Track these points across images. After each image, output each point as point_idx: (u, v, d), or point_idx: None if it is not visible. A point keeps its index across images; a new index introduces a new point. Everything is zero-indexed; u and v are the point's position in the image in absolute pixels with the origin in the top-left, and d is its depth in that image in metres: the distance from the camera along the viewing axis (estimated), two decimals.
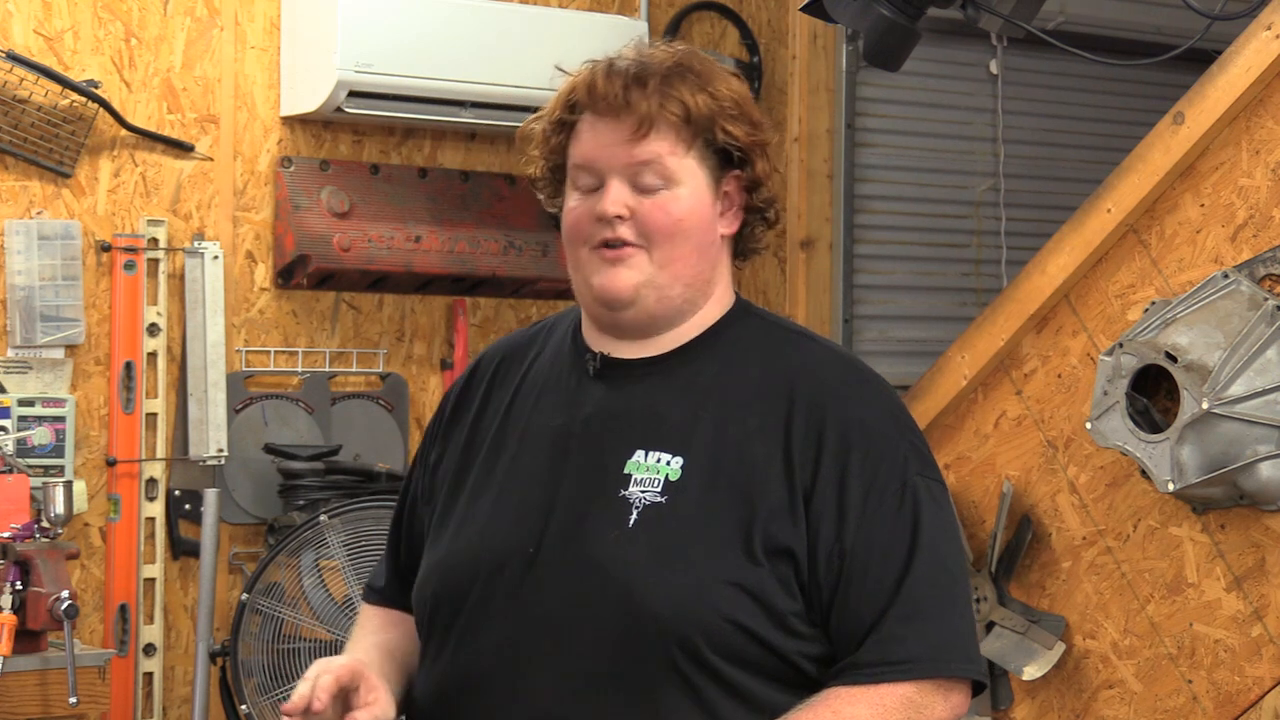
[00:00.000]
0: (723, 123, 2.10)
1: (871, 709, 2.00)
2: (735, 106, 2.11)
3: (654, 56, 2.12)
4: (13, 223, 4.45)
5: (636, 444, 2.08)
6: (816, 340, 2.19)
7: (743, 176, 2.14)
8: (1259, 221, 3.48)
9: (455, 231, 4.91)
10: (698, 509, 2.03)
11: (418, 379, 5.02)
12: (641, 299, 2.10)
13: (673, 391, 2.11)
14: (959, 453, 4.00)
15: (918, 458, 2.10)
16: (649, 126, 2.08)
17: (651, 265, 2.09)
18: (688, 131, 2.09)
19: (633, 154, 2.08)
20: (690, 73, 2.10)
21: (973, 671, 2.06)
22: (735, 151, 2.12)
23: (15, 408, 4.41)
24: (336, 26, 4.61)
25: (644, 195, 2.09)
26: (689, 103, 2.08)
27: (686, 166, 2.10)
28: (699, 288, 2.13)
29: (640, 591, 2.00)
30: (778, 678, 2.04)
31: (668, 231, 2.09)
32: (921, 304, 5.83)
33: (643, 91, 2.08)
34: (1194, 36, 3.55)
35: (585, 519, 2.06)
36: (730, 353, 2.14)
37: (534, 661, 2.04)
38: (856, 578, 2.03)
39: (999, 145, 5.92)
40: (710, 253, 2.13)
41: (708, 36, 5.50)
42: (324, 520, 4.33)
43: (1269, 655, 3.45)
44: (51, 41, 4.52)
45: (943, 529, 2.08)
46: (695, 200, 2.10)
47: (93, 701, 3.99)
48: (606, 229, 2.09)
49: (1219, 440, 3.36)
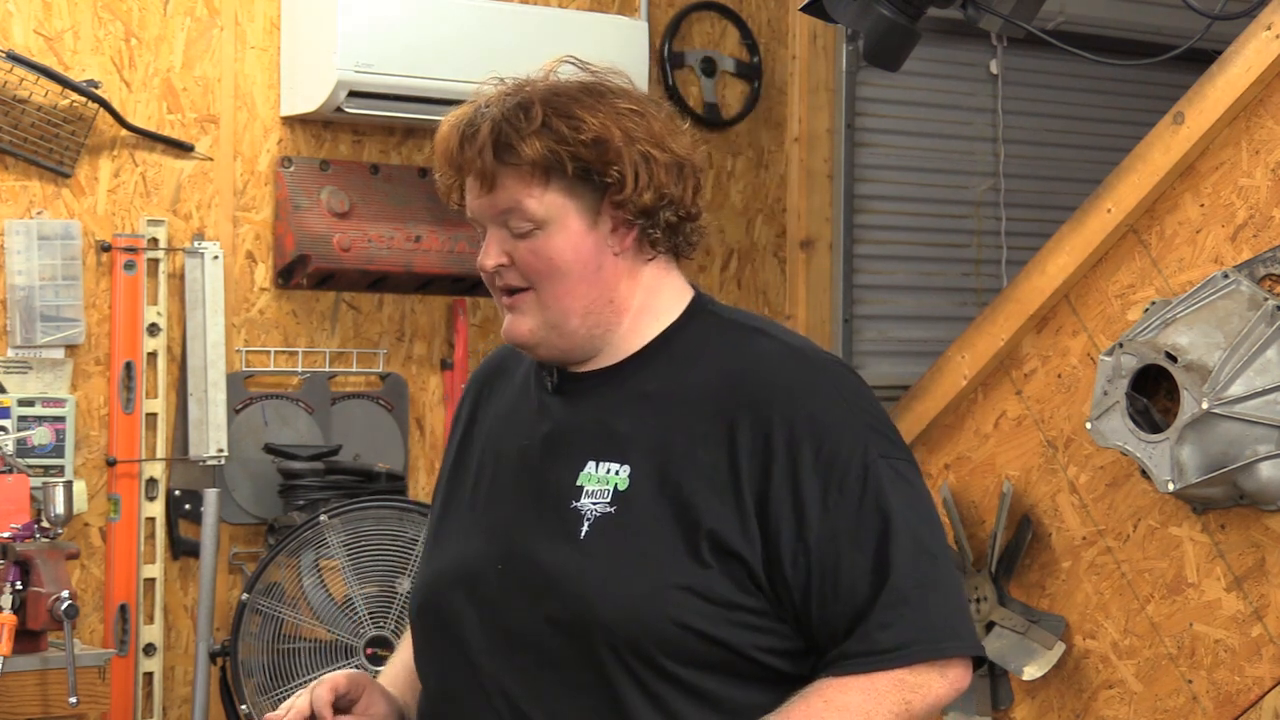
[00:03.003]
0: (570, 154, 2.07)
1: (864, 695, 2.00)
2: (588, 131, 2.07)
3: (496, 100, 2.10)
4: (13, 223, 4.44)
5: (588, 455, 2.10)
6: (769, 333, 2.16)
7: (619, 195, 2.10)
8: (1259, 221, 3.48)
9: (455, 231, 4.90)
10: (645, 517, 2.04)
11: (418, 379, 5.02)
12: (542, 339, 2.12)
13: (622, 401, 2.12)
14: (959, 453, 4.00)
15: (878, 439, 2.07)
16: (491, 180, 2.09)
17: (539, 306, 2.11)
18: (537, 172, 2.08)
19: (493, 205, 2.10)
20: (526, 114, 2.07)
21: (965, 648, 2.05)
22: (596, 177, 2.09)
23: (15, 408, 4.41)
24: (336, 26, 4.60)
25: (520, 239, 2.10)
26: (521, 149, 2.06)
27: (550, 203, 2.09)
28: (600, 312, 2.12)
29: (592, 602, 2.02)
30: (743, 675, 2.04)
31: (545, 273, 2.10)
32: (921, 304, 5.83)
33: (473, 148, 2.08)
34: (1194, 36, 3.55)
35: (542, 533, 2.09)
36: (681, 357, 2.13)
37: (500, 675, 2.07)
38: (829, 572, 2.02)
39: (999, 145, 5.92)
40: (603, 277, 2.11)
41: (708, 36, 5.50)
42: (324, 520, 4.33)
43: (1269, 655, 3.45)
44: (51, 41, 4.52)
45: (914, 508, 2.06)
46: (566, 235, 2.09)
47: (93, 701, 3.99)
48: (496, 278, 2.13)
49: (1219, 440, 3.36)
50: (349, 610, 4.31)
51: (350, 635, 4.30)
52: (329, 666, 4.27)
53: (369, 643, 4.29)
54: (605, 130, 2.07)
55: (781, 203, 5.60)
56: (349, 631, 4.30)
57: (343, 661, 4.28)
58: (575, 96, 2.10)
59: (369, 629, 4.30)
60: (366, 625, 4.30)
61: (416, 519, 4.36)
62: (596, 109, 2.09)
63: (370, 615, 4.30)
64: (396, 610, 4.30)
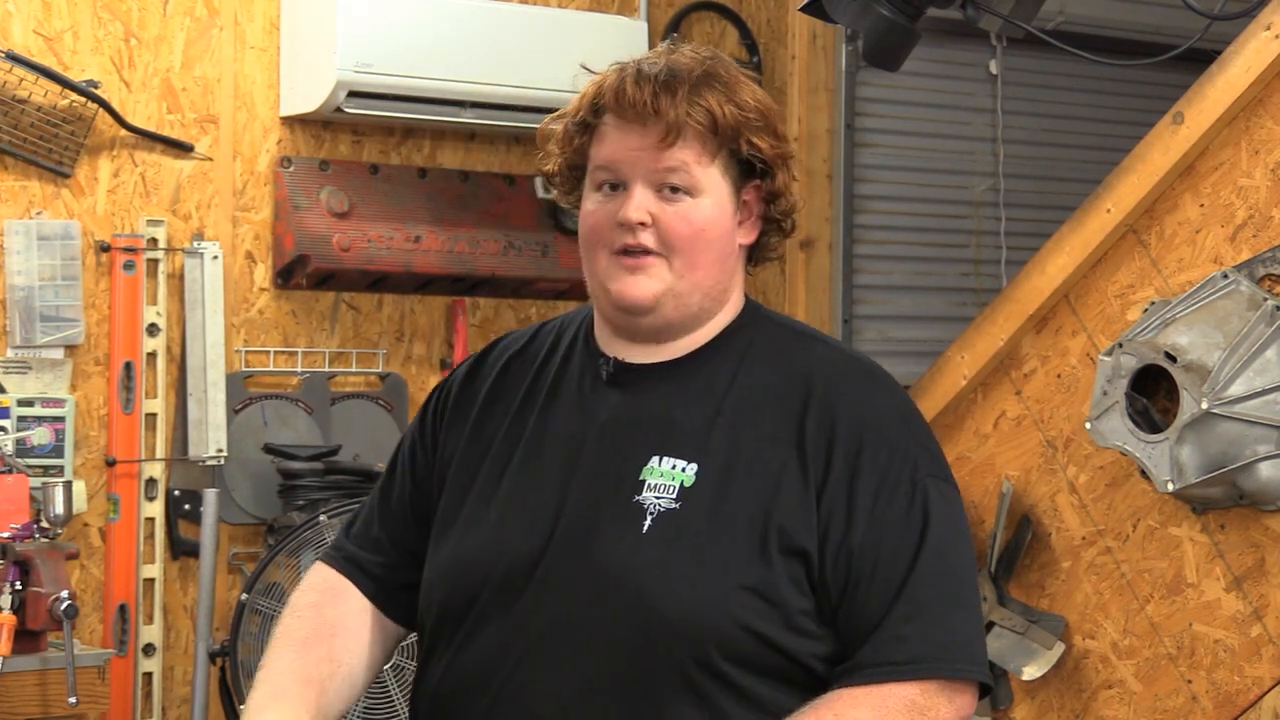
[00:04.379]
0: (748, 134, 2.09)
1: (874, 711, 1.99)
2: (761, 118, 2.11)
3: (681, 63, 2.10)
4: (12, 223, 4.45)
5: (652, 450, 2.08)
6: (827, 342, 2.20)
7: (763, 187, 2.14)
8: (1258, 221, 3.48)
9: (455, 231, 4.90)
10: (712, 515, 2.03)
11: (417, 379, 5.02)
12: (660, 307, 2.10)
13: (687, 397, 2.11)
14: (959, 453, 4.00)
15: (929, 459, 2.10)
16: (676, 134, 2.07)
17: (671, 274, 2.09)
18: (714, 141, 2.08)
19: (658, 161, 2.07)
20: (718, 82, 2.09)
21: (977, 673, 2.05)
22: (758, 163, 2.11)
23: (15, 408, 4.41)
24: (336, 26, 4.60)
25: (667, 203, 2.08)
26: (716, 113, 2.07)
27: (710, 176, 2.09)
28: (716, 296, 2.14)
29: (653, 598, 2.00)
30: (788, 680, 2.04)
31: (689, 240, 2.09)
32: (921, 304, 5.83)
33: (672, 99, 2.06)
34: (1194, 36, 3.55)
35: (597, 524, 2.06)
36: (743, 357, 2.14)
37: (536, 666, 2.03)
38: (865, 578, 2.02)
39: (999, 145, 5.92)
40: (729, 262, 2.14)
41: (707, 36, 5.50)
42: (323, 520, 4.33)
43: (1269, 655, 3.45)
44: (51, 41, 4.52)
45: (952, 530, 2.08)
46: (717, 210, 2.10)
47: (92, 701, 3.99)
48: (628, 235, 2.08)
49: (1219, 440, 3.36)
50: None
51: None
52: None
53: None
54: (775, 119, 2.12)
55: None
56: None
57: None
58: (745, 83, 2.12)
59: None
60: None
61: None
62: (762, 100, 2.12)
63: None
64: None
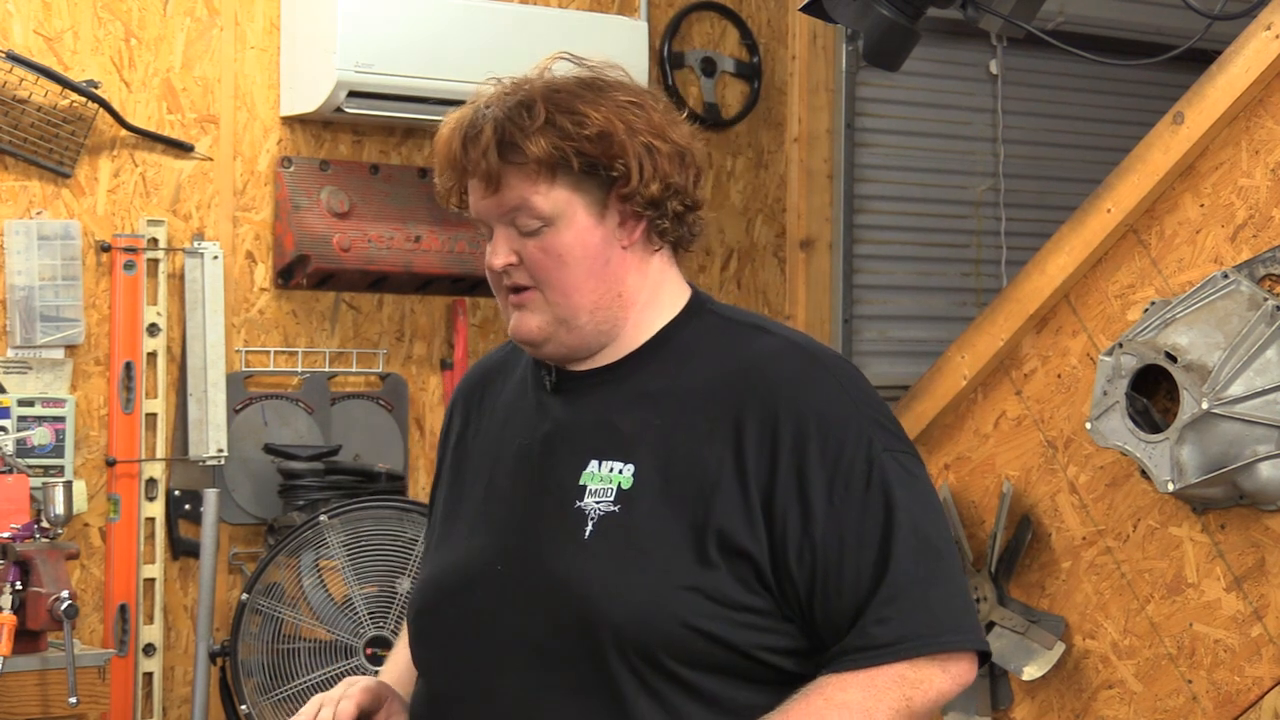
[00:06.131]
0: (575, 150, 2.07)
1: (864, 691, 1.99)
2: (592, 125, 2.07)
3: (496, 100, 2.10)
4: (12, 223, 4.45)
5: (590, 455, 2.09)
6: (770, 330, 2.17)
7: (626, 188, 2.10)
8: (1259, 221, 3.48)
9: (455, 231, 4.90)
10: (651, 516, 2.04)
11: (418, 379, 5.02)
12: (550, 336, 2.12)
13: (623, 399, 2.12)
14: (959, 453, 4.00)
15: (881, 433, 2.07)
16: (497, 180, 2.08)
17: (548, 304, 2.11)
18: (543, 169, 2.07)
19: (499, 206, 2.10)
20: (529, 112, 2.07)
21: (965, 642, 2.05)
22: (602, 170, 2.09)
23: (15, 408, 4.41)
24: (336, 26, 4.60)
25: (528, 238, 2.09)
26: (526, 148, 2.06)
27: (557, 200, 2.08)
28: (609, 307, 2.12)
29: (598, 603, 2.01)
30: (747, 677, 2.04)
31: (553, 269, 2.09)
32: (921, 304, 5.83)
33: (478, 149, 2.07)
34: (1194, 36, 3.56)
35: (544, 533, 2.08)
36: (681, 355, 2.13)
37: (506, 676, 2.06)
38: (834, 568, 2.02)
39: (999, 145, 5.92)
40: (611, 271, 2.11)
41: (707, 36, 5.50)
42: (324, 520, 4.33)
43: (1269, 655, 3.45)
44: (51, 41, 4.52)
45: (919, 503, 2.06)
46: (574, 230, 2.09)
47: (92, 701, 3.99)
48: (504, 277, 2.12)
49: (1219, 440, 3.36)
50: (349, 610, 4.31)
51: (350, 635, 4.30)
52: (329, 667, 4.27)
53: (369, 643, 4.29)
54: (608, 124, 2.07)
55: (781, 203, 5.60)
56: (349, 632, 4.30)
57: (342, 662, 4.28)
58: (575, 92, 2.10)
59: (369, 629, 4.30)
60: (366, 625, 4.30)
61: (416, 519, 4.36)
62: (598, 103, 2.09)
63: (370, 615, 4.30)
64: (396, 610, 4.30)
